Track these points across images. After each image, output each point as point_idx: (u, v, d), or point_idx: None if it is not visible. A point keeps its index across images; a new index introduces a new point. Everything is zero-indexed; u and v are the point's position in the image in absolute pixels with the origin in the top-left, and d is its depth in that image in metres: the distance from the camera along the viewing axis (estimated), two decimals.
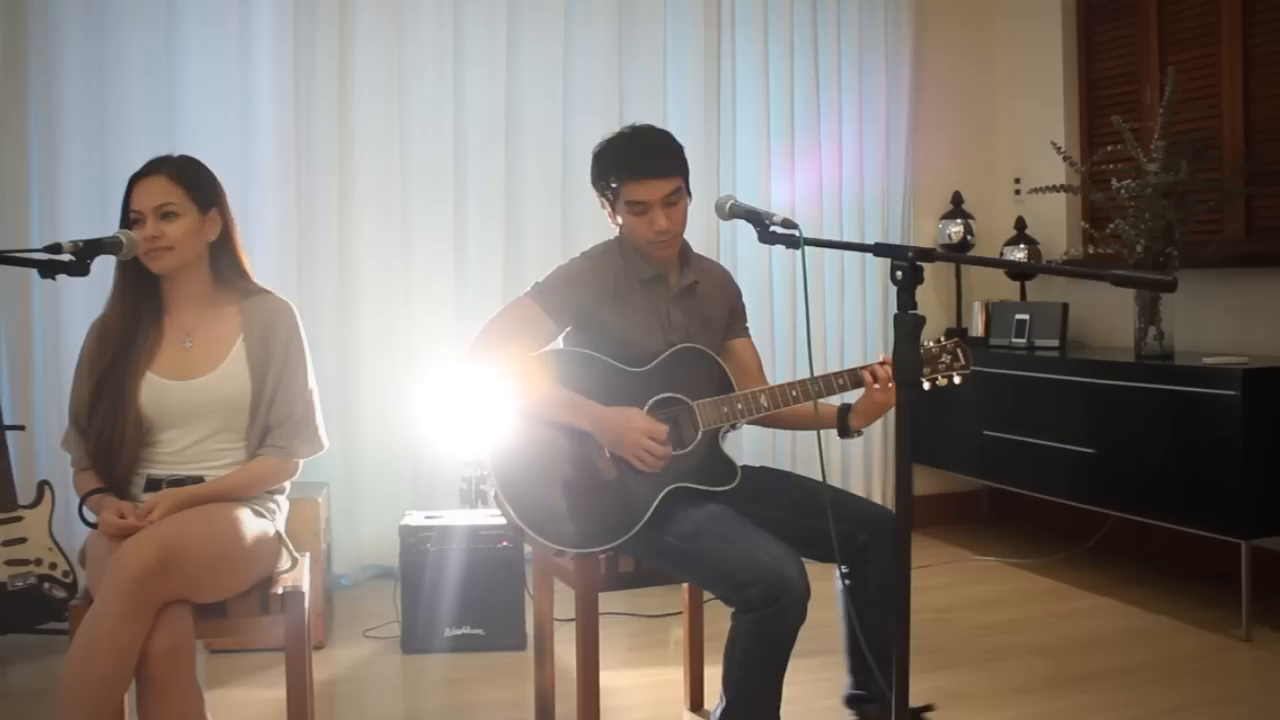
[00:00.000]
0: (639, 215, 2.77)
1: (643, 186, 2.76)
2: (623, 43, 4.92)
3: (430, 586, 3.79)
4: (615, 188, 2.78)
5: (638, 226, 2.78)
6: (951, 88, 5.64)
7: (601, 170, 2.83)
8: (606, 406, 2.67)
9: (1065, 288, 5.24)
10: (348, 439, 4.54)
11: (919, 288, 2.16)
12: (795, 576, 2.44)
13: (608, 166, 2.81)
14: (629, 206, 2.77)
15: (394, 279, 4.63)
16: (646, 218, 2.76)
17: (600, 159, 2.84)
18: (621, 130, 2.88)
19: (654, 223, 2.76)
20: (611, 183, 2.79)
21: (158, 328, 2.67)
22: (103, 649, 2.15)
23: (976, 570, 4.75)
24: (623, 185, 2.76)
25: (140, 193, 2.60)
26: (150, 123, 4.23)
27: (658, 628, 3.99)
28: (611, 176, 2.79)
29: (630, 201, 2.76)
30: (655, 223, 2.76)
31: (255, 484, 2.64)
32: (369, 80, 4.58)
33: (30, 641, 3.72)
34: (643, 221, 2.77)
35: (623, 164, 2.78)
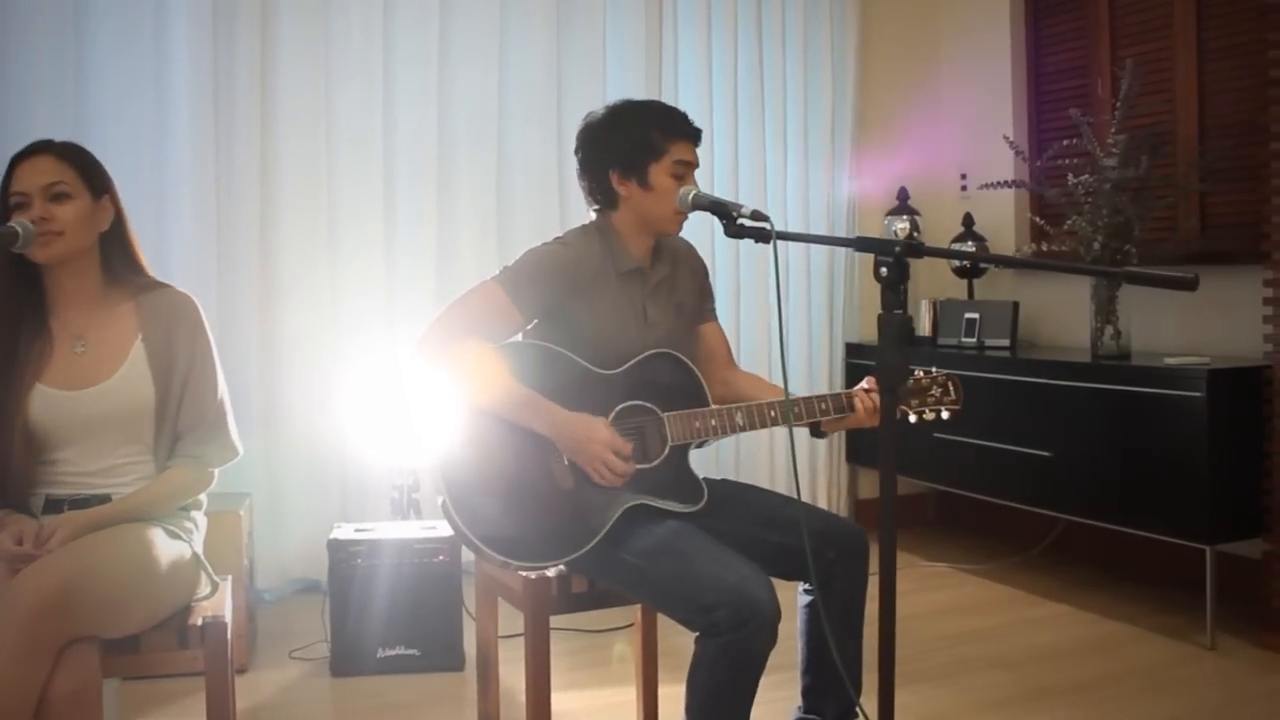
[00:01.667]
0: (677, 180, 2.54)
1: (692, 149, 2.58)
2: (561, 34, 4.73)
3: (361, 604, 3.54)
4: (661, 146, 2.54)
5: (672, 193, 2.54)
6: (896, 83, 5.53)
7: (642, 127, 2.56)
8: (569, 411, 2.44)
9: (1014, 285, 5.13)
10: (271, 446, 4.28)
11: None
12: (765, 598, 2.25)
13: (654, 122, 2.57)
14: (674, 167, 2.54)
15: (320, 277, 4.39)
16: (682, 184, 2.55)
17: (638, 115, 2.59)
18: (631, 99, 2.66)
19: (688, 190, 2.54)
20: (656, 139, 2.54)
21: (44, 332, 2.38)
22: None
23: (928, 577, 4.62)
24: (676, 142, 2.54)
25: (25, 173, 2.32)
26: (54, 108, 3.92)
27: (602, 643, 3.79)
28: (660, 131, 2.55)
29: (679, 161, 2.54)
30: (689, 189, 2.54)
31: (167, 500, 2.39)
32: (292, 69, 4.32)
33: None
34: (678, 188, 2.54)
35: (674, 123, 2.57)
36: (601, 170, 2.59)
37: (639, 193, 2.56)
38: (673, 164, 2.54)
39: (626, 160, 2.56)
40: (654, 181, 2.54)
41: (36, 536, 2.16)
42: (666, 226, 2.60)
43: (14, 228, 2.17)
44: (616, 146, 2.57)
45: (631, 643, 3.12)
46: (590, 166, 2.62)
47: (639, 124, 2.57)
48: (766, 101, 5.13)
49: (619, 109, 2.62)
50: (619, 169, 2.57)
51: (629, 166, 2.56)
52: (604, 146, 2.59)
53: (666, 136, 2.55)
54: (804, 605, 2.63)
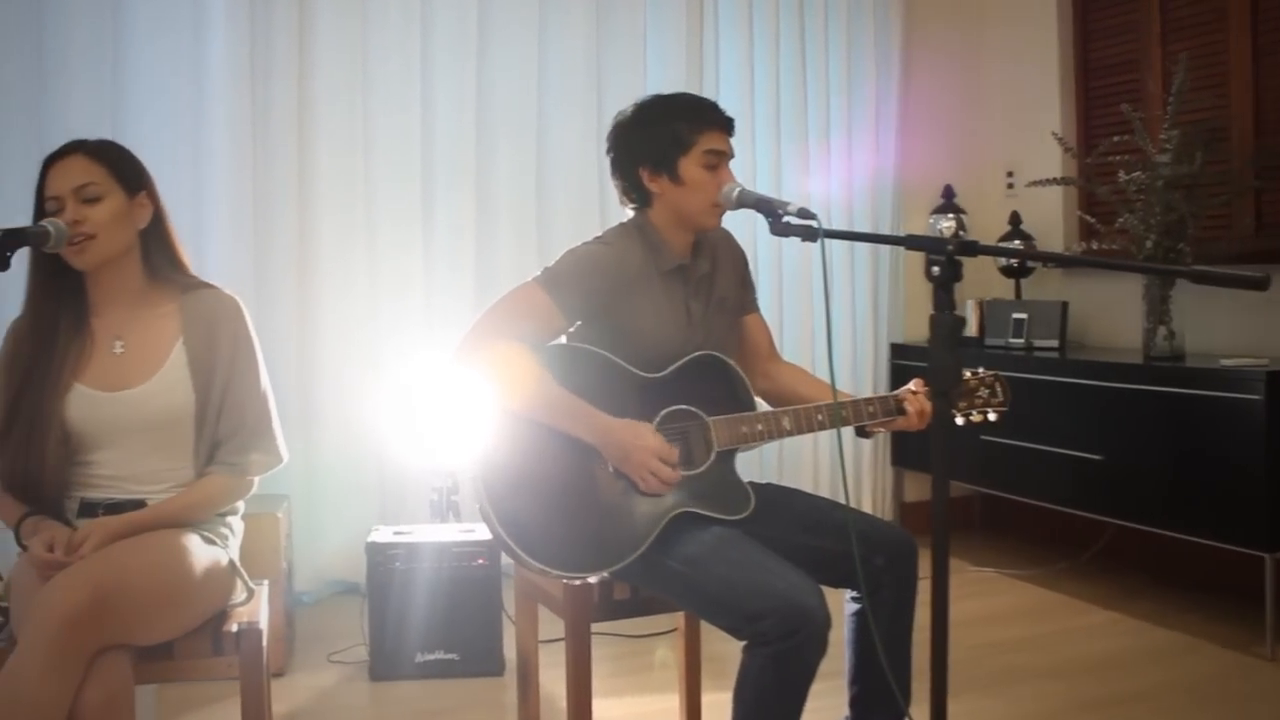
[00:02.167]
0: (711, 171, 2.48)
1: (723, 137, 2.50)
2: (600, 31, 4.67)
3: (399, 608, 3.50)
4: (688, 138, 2.47)
5: (707, 185, 2.47)
6: (942, 78, 5.43)
7: (668, 121, 2.50)
8: (614, 417, 2.37)
9: (1063, 285, 5.03)
10: (309, 447, 4.26)
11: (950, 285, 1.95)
12: (815, 606, 2.18)
13: (679, 114, 2.51)
14: (705, 158, 2.47)
15: (358, 277, 4.36)
16: (717, 175, 2.48)
17: (663, 109, 2.53)
18: (659, 94, 2.60)
19: (724, 181, 2.48)
20: (683, 132, 2.48)
21: (84, 331, 2.34)
22: (24, 707, 1.84)
23: (975, 582, 4.53)
24: (703, 133, 2.47)
25: (56, 175, 2.27)
26: (93, 106, 3.91)
27: (644, 648, 3.73)
28: (686, 124, 2.48)
29: (710, 151, 2.47)
30: (724, 180, 2.48)
31: (203, 507, 2.33)
32: (330, 66, 4.30)
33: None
34: (713, 179, 2.47)
35: (700, 113, 2.51)
36: (632, 169, 2.54)
37: (671, 188, 2.50)
38: (702, 155, 2.47)
39: (655, 157, 2.50)
40: (685, 175, 2.48)
41: (68, 543, 2.12)
42: (704, 221, 2.52)
43: (45, 227, 2.12)
44: (644, 144, 2.52)
45: (674, 648, 3.07)
46: (621, 166, 2.57)
47: (665, 118, 2.51)
48: (809, 98, 5.06)
49: (645, 105, 2.57)
50: (649, 166, 2.51)
51: (658, 163, 2.50)
52: (632, 145, 2.54)
53: (693, 128, 2.48)
54: (851, 613, 2.56)
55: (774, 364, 2.78)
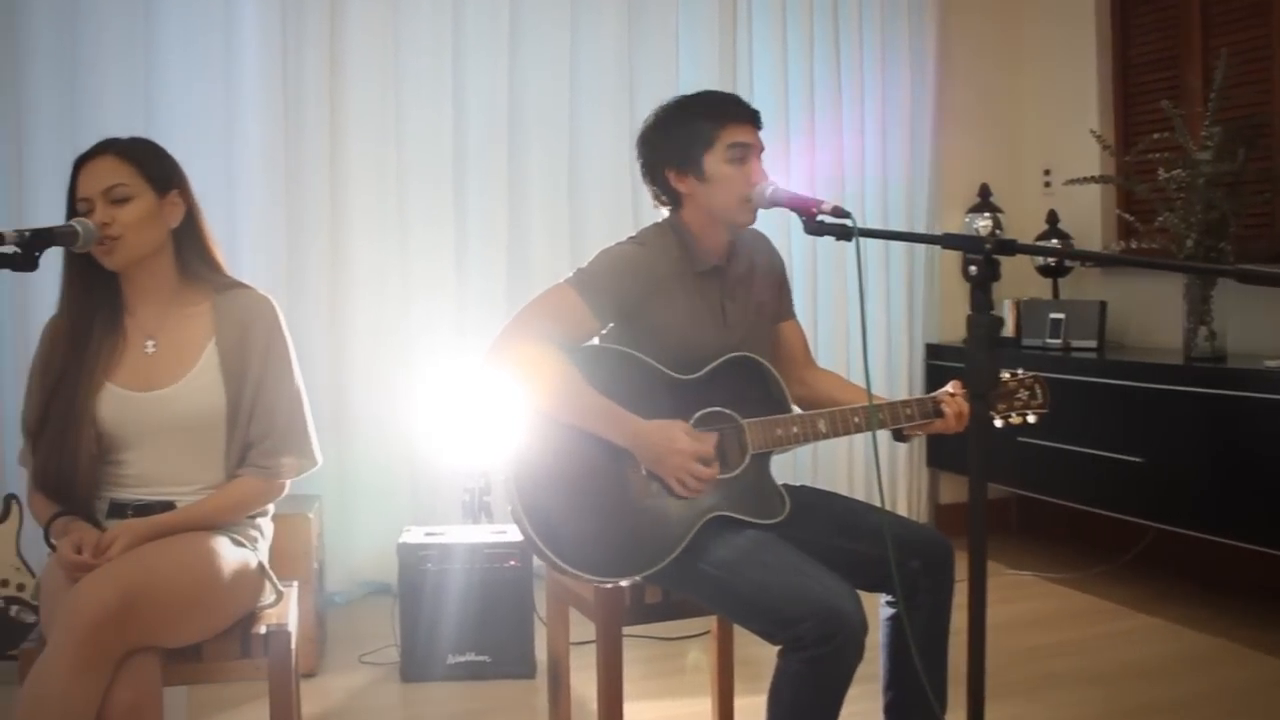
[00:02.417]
0: (737, 165, 2.44)
1: (747, 130, 2.46)
2: (632, 29, 4.64)
3: (431, 609, 3.48)
4: (709, 134, 2.44)
5: (734, 179, 2.44)
6: (978, 75, 5.38)
7: (687, 119, 2.48)
8: (647, 420, 2.33)
9: (1101, 285, 4.97)
10: (341, 447, 4.26)
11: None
12: (851, 611, 2.14)
13: (699, 112, 2.48)
14: (729, 152, 2.43)
15: (390, 277, 4.35)
16: (745, 168, 2.44)
17: (683, 109, 2.51)
18: (682, 95, 2.57)
19: (753, 174, 2.44)
20: (705, 128, 2.45)
21: (117, 330, 2.33)
22: (53, 708, 1.84)
23: (1012, 586, 4.47)
24: (724, 127, 2.44)
25: (86, 177, 2.26)
26: (125, 106, 3.93)
27: (677, 651, 3.70)
28: (706, 120, 2.46)
29: (733, 144, 2.43)
30: (754, 174, 2.44)
31: (233, 510, 2.32)
32: (362, 64, 4.30)
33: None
34: (740, 173, 2.44)
35: (719, 108, 2.48)
36: (659, 172, 2.52)
37: (699, 187, 2.46)
38: (726, 149, 2.44)
39: (680, 157, 2.47)
40: (710, 171, 2.45)
41: (96, 545, 2.11)
42: (736, 216, 2.48)
43: (73, 227, 2.11)
44: (668, 145, 2.49)
45: (707, 651, 3.03)
46: (649, 170, 2.55)
47: (686, 117, 2.49)
48: (844, 96, 5.01)
49: (666, 107, 2.54)
50: (674, 167, 2.48)
51: (683, 162, 2.47)
52: (657, 147, 2.52)
53: (714, 123, 2.45)
54: (887, 618, 2.52)
55: (810, 371, 2.75)
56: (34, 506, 2.32)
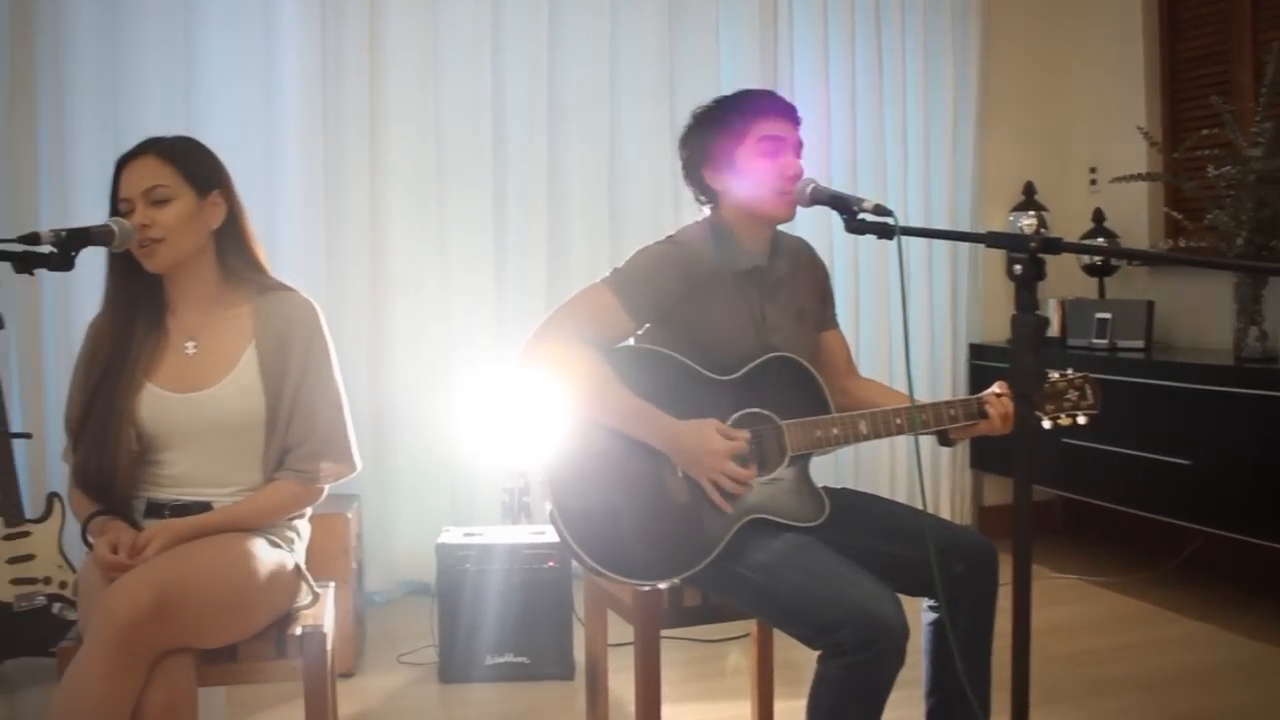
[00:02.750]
0: (770, 157, 2.42)
1: (779, 123, 2.45)
2: (673, 27, 4.62)
3: (469, 610, 3.47)
4: (741, 127, 2.43)
5: (767, 172, 2.42)
6: (1022, 71, 5.30)
7: (720, 116, 2.48)
8: (682, 421, 2.31)
9: (1148, 284, 4.89)
10: (381, 447, 4.27)
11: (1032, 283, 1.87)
12: (892, 616, 2.11)
13: (731, 108, 2.48)
14: (760, 145, 2.42)
15: (430, 276, 4.35)
16: (779, 161, 2.42)
17: (718, 106, 2.50)
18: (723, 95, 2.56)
19: (787, 167, 2.42)
20: (735, 122, 2.44)
21: (159, 330, 2.33)
22: (87, 708, 1.84)
23: (1057, 590, 4.40)
24: (755, 121, 2.43)
25: (127, 177, 2.26)
26: (166, 106, 3.96)
27: (716, 653, 3.67)
28: (737, 116, 2.45)
29: (765, 137, 2.41)
30: (789, 167, 2.41)
31: (270, 514, 2.31)
32: (402, 61, 4.30)
33: (42, 665, 3.41)
34: (773, 166, 2.42)
35: (751, 103, 2.47)
36: (696, 171, 2.52)
37: (733, 182, 2.45)
38: (757, 142, 2.42)
39: (714, 154, 2.47)
40: (742, 165, 2.43)
41: (132, 545, 2.11)
42: (773, 210, 2.45)
43: (110, 227, 2.10)
44: (702, 143, 2.49)
45: (747, 654, 3.01)
46: (687, 170, 2.55)
47: (720, 114, 2.49)
48: (886, 93, 4.96)
49: (704, 105, 2.54)
50: (709, 165, 2.48)
51: (718, 159, 2.46)
52: (693, 147, 2.52)
53: (746, 116, 2.44)
54: (929, 622, 2.48)
55: (852, 380, 2.71)
56: (74, 504, 2.33)
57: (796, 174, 2.41)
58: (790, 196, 2.42)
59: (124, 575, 1.99)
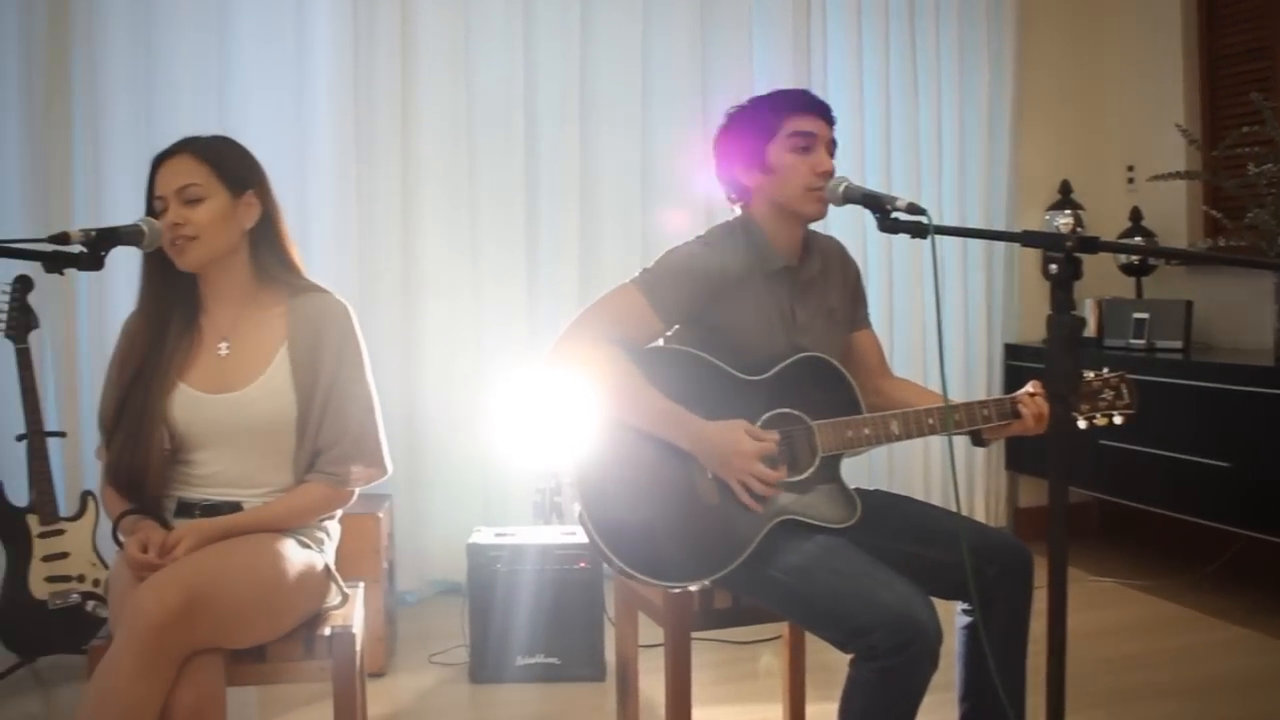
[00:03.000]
0: (801, 153, 2.40)
1: (811, 119, 2.43)
2: (705, 22, 4.60)
3: (501, 611, 3.47)
4: (772, 124, 2.42)
5: (798, 168, 2.40)
6: (1059, 69, 5.26)
7: (752, 112, 2.46)
8: (711, 422, 2.29)
9: (1186, 284, 4.82)
10: (413, 447, 4.28)
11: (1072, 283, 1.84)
12: (925, 619, 2.08)
13: (764, 104, 2.46)
14: (791, 141, 2.40)
15: (462, 275, 4.36)
16: (810, 157, 2.40)
17: (750, 105, 2.49)
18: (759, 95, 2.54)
19: (819, 163, 2.40)
20: (767, 118, 2.43)
21: (192, 329, 2.33)
22: (115, 708, 1.84)
23: (1093, 593, 4.35)
24: (787, 116, 2.41)
25: (163, 175, 2.26)
26: (199, 106, 3.99)
27: (748, 655, 3.65)
28: (769, 111, 2.44)
29: (797, 133, 2.40)
30: (820, 163, 2.40)
31: (300, 515, 2.30)
32: (433, 60, 4.30)
33: (77, 662, 3.43)
34: (804, 162, 2.40)
35: (783, 99, 2.46)
36: (729, 168, 2.50)
37: (764, 179, 2.44)
38: (788, 138, 2.40)
39: (745, 150, 2.45)
40: (773, 161, 2.41)
41: (161, 545, 2.11)
42: (803, 207, 2.43)
43: (139, 226, 2.10)
44: (735, 140, 2.48)
45: (779, 655, 2.99)
46: (719, 167, 2.54)
47: (752, 111, 2.47)
48: (920, 92, 4.93)
49: (739, 104, 2.53)
50: (741, 162, 2.46)
51: (748, 155, 2.45)
52: (725, 144, 2.51)
53: (777, 112, 2.43)
54: (963, 626, 2.45)
55: (885, 380, 2.68)
56: (106, 502, 2.33)
57: (828, 171, 2.39)
58: (821, 194, 2.40)
59: (153, 575, 2.00)
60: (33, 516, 3.39)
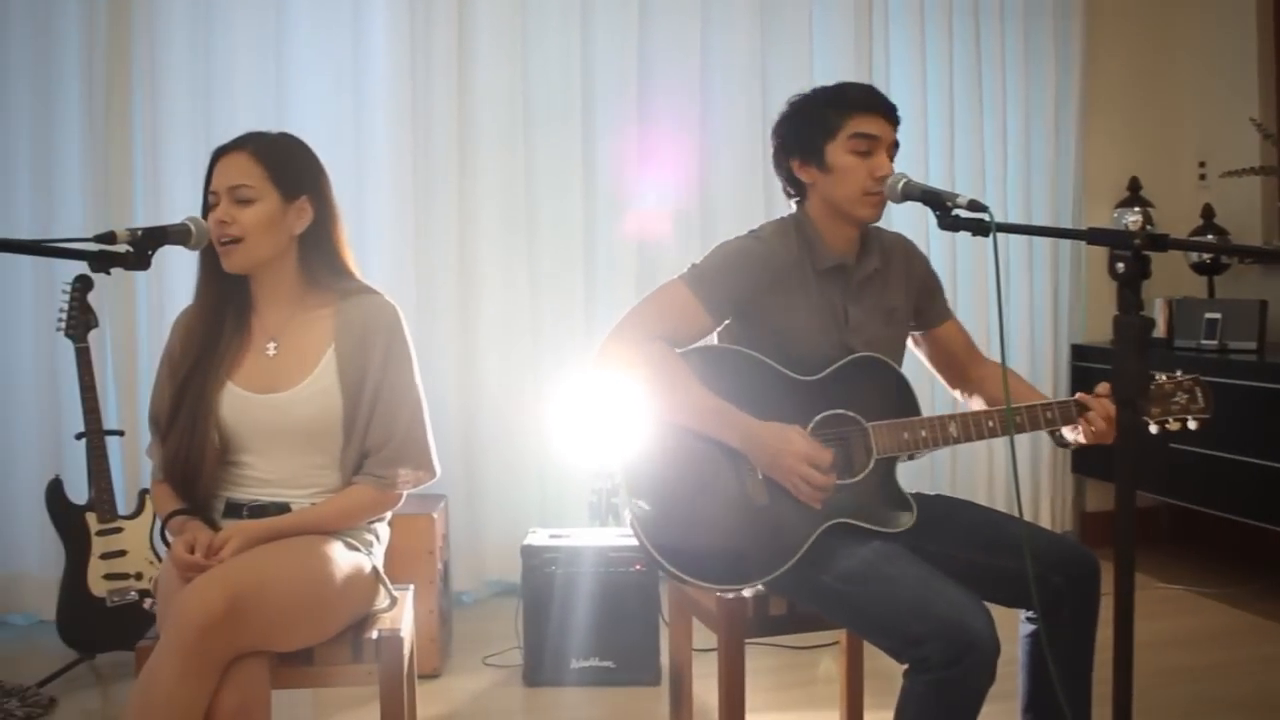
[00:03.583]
0: (861, 156, 2.35)
1: (875, 121, 2.37)
2: (765, 20, 4.54)
3: (555, 613, 3.44)
4: (834, 122, 2.36)
5: (855, 172, 2.35)
6: (1128, 63, 5.14)
7: (815, 107, 2.40)
8: (762, 421, 2.25)
9: (1261, 283, 4.69)
10: (470, 447, 4.28)
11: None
12: (980, 629, 2.01)
13: (827, 101, 2.40)
14: (852, 142, 2.34)
15: (518, 275, 4.34)
16: (870, 161, 2.34)
17: (812, 98, 2.43)
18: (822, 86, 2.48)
19: (877, 167, 2.34)
20: (829, 116, 2.37)
21: (243, 329, 2.32)
22: (159, 710, 1.83)
23: (1162, 600, 4.24)
24: (850, 116, 2.35)
25: (220, 169, 2.24)
26: (257, 105, 4.02)
27: (806, 660, 3.60)
28: (833, 108, 2.37)
29: (858, 134, 2.34)
30: (879, 167, 2.34)
31: (347, 518, 2.27)
32: (490, 57, 4.30)
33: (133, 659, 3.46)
34: (863, 165, 2.34)
35: (847, 97, 2.40)
36: (785, 161, 2.45)
37: (820, 177, 2.38)
38: (849, 139, 2.34)
39: (804, 144, 2.40)
40: (831, 161, 2.36)
41: (209, 546, 2.10)
42: (857, 210, 2.37)
43: (186, 225, 2.08)
44: (794, 133, 2.43)
45: (838, 661, 2.92)
46: (777, 159, 2.48)
47: (815, 105, 2.41)
48: (985, 86, 4.83)
49: (800, 95, 2.47)
50: (799, 156, 2.41)
51: (807, 151, 2.39)
52: (784, 136, 2.45)
53: (840, 111, 2.36)
54: (1026, 635, 2.39)
55: (976, 366, 2.60)
56: (156, 500, 2.33)
57: (886, 175, 2.33)
58: (878, 199, 2.35)
59: (198, 577, 1.99)
60: (91, 514, 3.42)
